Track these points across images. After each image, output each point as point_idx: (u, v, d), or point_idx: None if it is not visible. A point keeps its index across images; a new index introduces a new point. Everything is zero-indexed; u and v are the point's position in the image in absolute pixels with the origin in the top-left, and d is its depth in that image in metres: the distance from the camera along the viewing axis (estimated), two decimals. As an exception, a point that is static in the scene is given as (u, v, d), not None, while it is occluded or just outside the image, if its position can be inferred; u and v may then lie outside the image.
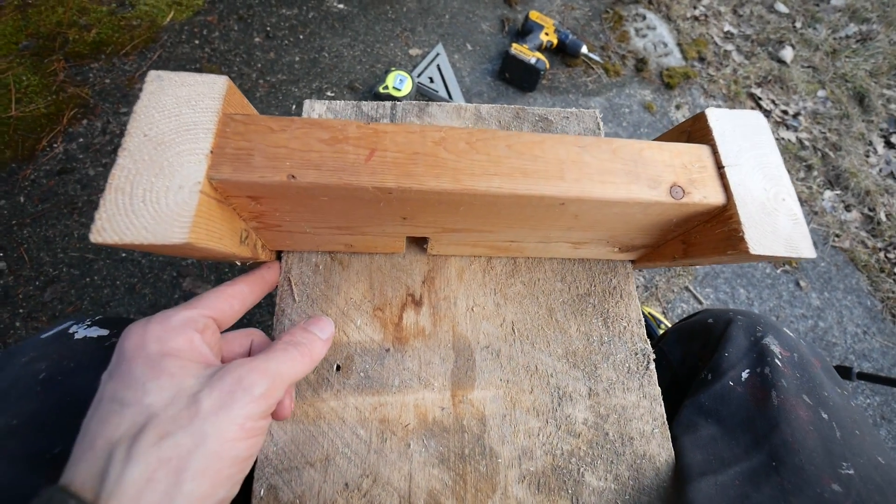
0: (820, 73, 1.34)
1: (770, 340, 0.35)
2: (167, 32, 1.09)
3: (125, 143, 0.23)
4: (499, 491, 0.29)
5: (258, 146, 0.24)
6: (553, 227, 0.30)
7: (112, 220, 0.21)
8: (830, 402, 0.32)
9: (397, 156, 0.25)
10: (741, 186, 0.27)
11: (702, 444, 0.31)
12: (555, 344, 0.34)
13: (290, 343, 0.26)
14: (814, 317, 1.04)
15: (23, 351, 0.28)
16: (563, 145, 0.27)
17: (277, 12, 1.18)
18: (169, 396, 0.20)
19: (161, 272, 0.90)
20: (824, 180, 1.19)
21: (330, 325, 0.29)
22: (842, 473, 0.27)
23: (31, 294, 0.84)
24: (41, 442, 0.25)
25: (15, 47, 1.00)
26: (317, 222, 0.29)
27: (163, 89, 0.24)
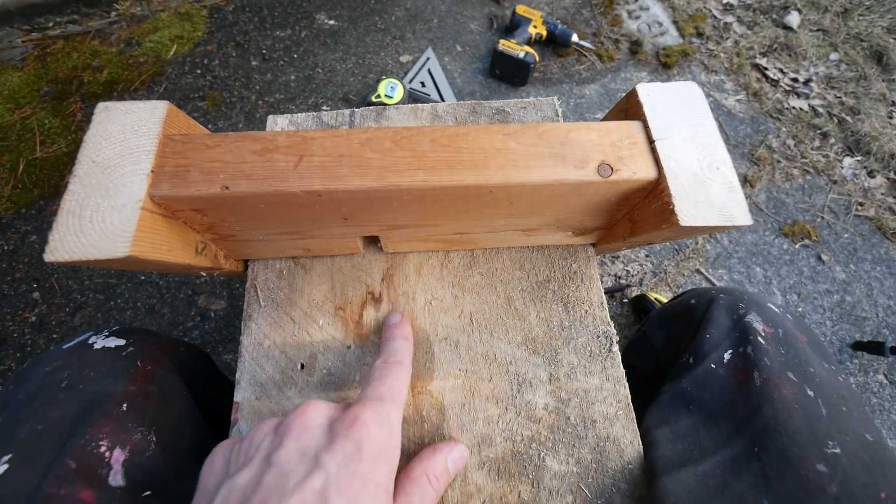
0: (831, 35, 1.27)
1: (753, 318, 0.34)
2: (171, 65, 1.16)
3: (75, 170, 0.25)
4: (458, 478, 0.30)
5: (195, 162, 0.26)
6: (494, 215, 0.31)
7: (63, 241, 0.23)
8: (817, 378, 0.31)
9: (324, 160, 0.26)
10: (672, 159, 0.27)
11: (682, 434, 0.31)
12: (514, 332, 0.34)
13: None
14: (839, 291, 0.98)
15: (46, 360, 0.31)
16: (489, 134, 0.27)
17: (272, 35, 1.23)
18: None
19: (177, 292, 0.95)
20: (842, 147, 1.13)
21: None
22: (827, 452, 0.26)
23: (63, 320, 0.91)
24: (65, 446, 0.26)
25: (37, 94, 1.09)
26: (266, 229, 0.30)
27: (110, 118, 0.27)
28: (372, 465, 0.21)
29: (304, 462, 0.21)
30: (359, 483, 0.20)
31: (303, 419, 0.23)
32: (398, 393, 0.26)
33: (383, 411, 0.24)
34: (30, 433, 0.26)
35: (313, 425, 0.23)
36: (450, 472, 0.27)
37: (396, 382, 0.27)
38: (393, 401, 0.25)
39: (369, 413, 0.23)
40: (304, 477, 0.20)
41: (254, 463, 0.21)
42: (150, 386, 0.31)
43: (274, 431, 0.23)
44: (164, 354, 0.35)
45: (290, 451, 0.21)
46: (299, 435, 0.22)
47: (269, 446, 0.22)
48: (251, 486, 0.20)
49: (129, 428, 0.28)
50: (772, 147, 1.13)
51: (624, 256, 1.02)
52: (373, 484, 0.21)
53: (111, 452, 0.27)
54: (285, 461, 0.21)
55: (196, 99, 1.12)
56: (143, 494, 0.27)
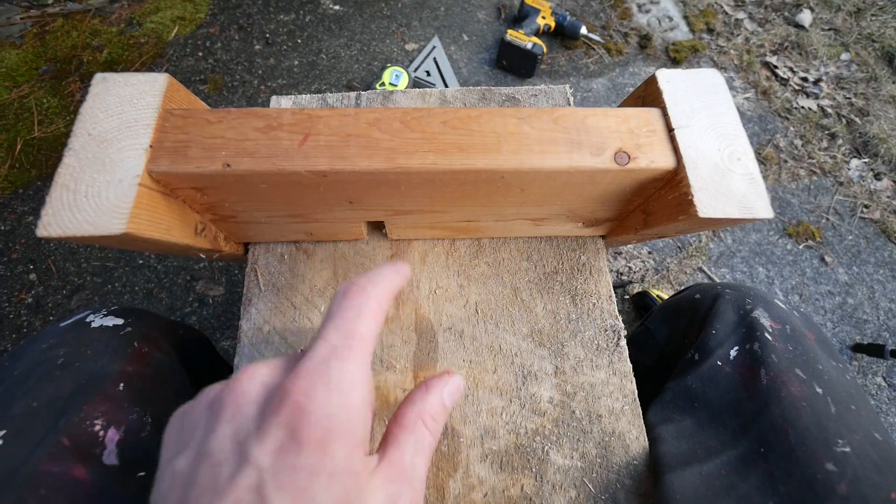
0: (843, 34, 1.26)
1: (760, 313, 0.33)
2: (172, 47, 1.14)
3: (71, 143, 0.24)
4: (460, 470, 0.29)
5: (195, 138, 0.25)
6: (504, 203, 0.30)
7: (57, 216, 0.22)
8: (825, 375, 0.30)
9: (331, 139, 0.25)
10: (692, 148, 0.26)
11: (687, 432, 0.30)
12: (520, 323, 0.34)
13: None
14: (842, 293, 0.98)
15: (43, 338, 0.30)
16: (502, 118, 0.26)
17: (275, 19, 1.20)
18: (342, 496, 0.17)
19: (176, 277, 0.94)
20: (850, 148, 1.12)
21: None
22: (836, 451, 0.26)
23: (60, 302, 0.90)
24: (59, 424, 0.26)
25: (35, 73, 1.07)
26: (268, 211, 0.30)
27: (107, 90, 0.25)
28: (318, 454, 0.17)
29: (234, 451, 0.17)
30: (303, 476, 0.17)
31: (236, 392, 0.19)
32: (358, 338, 0.19)
33: (328, 378, 0.18)
34: (24, 410, 0.26)
35: (247, 401, 0.18)
36: (447, 407, 0.23)
37: (357, 321, 0.19)
38: (346, 354, 0.19)
39: (303, 387, 0.17)
40: (234, 471, 0.17)
41: (191, 446, 0.18)
42: (148, 367, 0.30)
43: (209, 407, 0.19)
44: (163, 336, 0.34)
45: (221, 436, 0.18)
46: (232, 415, 0.18)
47: (204, 427, 0.19)
48: (189, 476, 0.17)
49: (124, 408, 0.28)
50: (779, 146, 1.12)
51: (626, 252, 1.01)
52: (325, 474, 0.17)
53: (106, 432, 0.27)
54: (217, 450, 0.17)
55: (197, 82, 1.10)
56: (137, 475, 0.27)
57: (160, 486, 0.19)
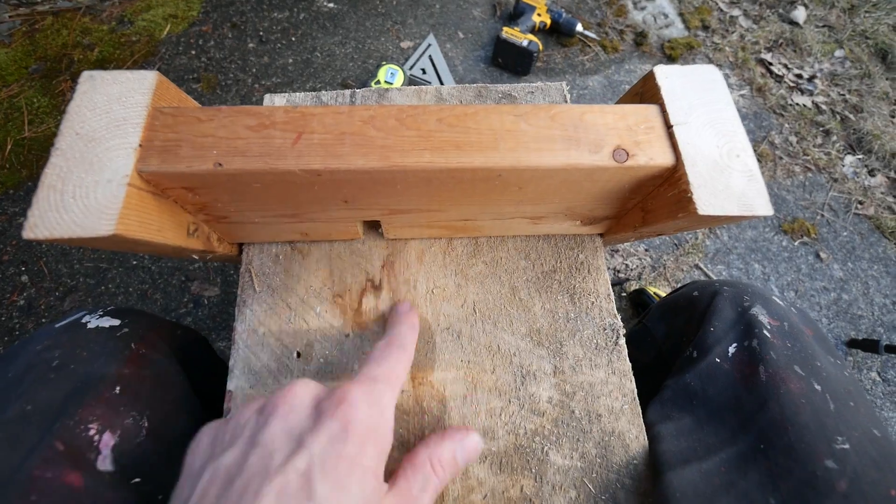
0: (837, 31, 1.26)
1: (758, 310, 0.33)
2: (165, 45, 1.13)
3: (57, 143, 0.23)
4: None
5: (186, 137, 0.24)
6: (501, 201, 0.29)
7: (44, 217, 0.22)
8: (824, 372, 0.30)
9: (324, 137, 0.25)
10: (690, 145, 0.26)
11: (686, 430, 0.30)
12: (518, 323, 0.33)
13: None
14: (836, 289, 0.98)
15: (37, 339, 0.29)
16: (499, 115, 0.26)
17: (269, 16, 1.19)
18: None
19: (170, 277, 0.93)
20: (844, 145, 1.12)
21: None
22: (836, 448, 0.26)
23: (52, 304, 0.89)
24: (53, 428, 0.25)
25: (25, 71, 1.05)
26: (261, 211, 0.29)
27: (95, 88, 0.25)
28: (359, 448, 0.20)
29: (288, 442, 0.20)
30: (345, 465, 0.19)
31: (289, 398, 0.22)
32: (395, 377, 0.25)
33: (375, 392, 0.23)
34: (17, 413, 0.25)
35: (300, 405, 0.22)
36: (458, 462, 0.25)
37: (396, 365, 0.25)
38: (388, 383, 0.24)
39: (358, 393, 0.22)
40: (287, 457, 0.19)
41: (239, 443, 0.21)
42: (145, 369, 0.30)
43: (259, 411, 0.22)
44: (161, 337, 0.33)
45: (275, 430, 0.20)
46: (286, 415, 0.21)
47: (255, 426, 0.21)
48: (235, 467, 0.19)
49: (120, 412, 0.27)
50: (774, 143, 1.12)
51: (623, 250, 1.01)
52: (360, 467, 0.20)
53: (101, 436, 0.26)
54: (270, 441, 0.20)
55: (190, 80, 1.09)
56: (132, 481, 0.26)
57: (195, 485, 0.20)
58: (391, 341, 0.27)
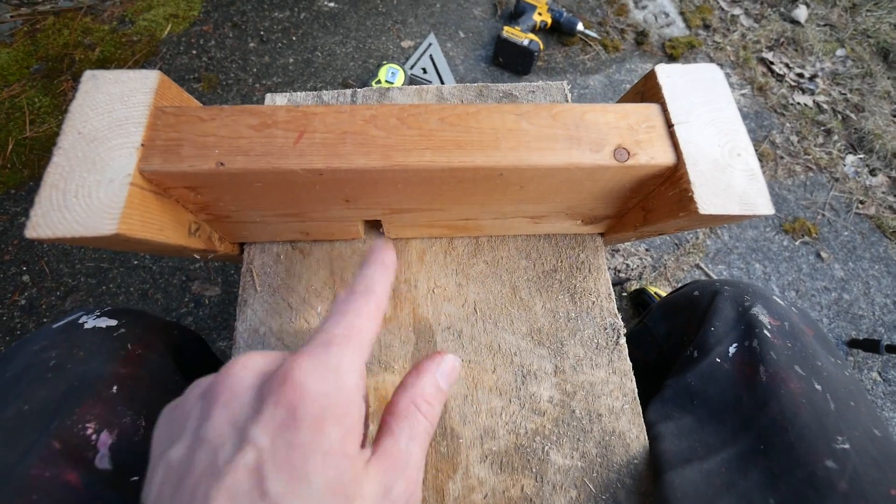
0: (838, 30, 1.26)
1: (759, 310, 0.33)
2: (166, 45, 1.13)
3: (60, 142, 0.23)
4: (460, 471, 0.29)
5: (187, 136, 0.24)
6: (503, 200, 0.29)
7: (46, 216, 0.22)
8: (824, 371, 0.30)
9: (326, 136, 0.25)
10: (692, 144, 0.26)
11: (687, 430, 0.30)
12: (519, 322, 0.33)
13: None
14: (837, 289, 0.98)
15: (34, 339, 0.29)
16: (500, 114, 0.26)
17: (270, 16, 1.19)
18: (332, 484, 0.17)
19: (171, 277, 0.93)
20: (846, 144, 1.12)
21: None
22: (836, 448, 0.26)
23: (54, 304, 0.89)
24: (51, 427, 0.25)
25: (27, 71, 1.05)
26: (263, 210, 0.29)
27: (97, 87, 0.25)
28: (313, 432, 0.17)
29: (233, 435, 0.18)
30: (299, 455, 0.17)
31: (229, 381, 0.19)
32: (357, 332, 0.20)
33: (328, 360, 0.19)
34: (15, 413, 0.25)
35: (242, 387, 0.19)
36: (443, 389, 0.22)
37: (357, 319, 0.21)
38: (345, 343, 0.20)
39: (305, 367, 0.18)
40: (233, 453, 0.17)
41: (185, 436, 0.19)
42: (142, 369, 0.30)
43: (203, 395, 0.19)
44: (158, 337, 0.33)
45: (218, 422, 0.18)
46: (227, 401, 0.18)
47: (199, 416, 0.19)
48: (185, 465, 0.18)
49: (118, 411, 0.27)
50: (775, 143, 1.12)
51: (624, 250, 1.01)
52: (319, 453, 0.17)
53: (98, 435, 0.26)
54: (214, 435, 0.18)
55: (191, 80, 1.09)
56: (130, 479, 0.26)
57: (151, 482, 0.18)
58: (353, 288, 0.22)
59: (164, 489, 0.18)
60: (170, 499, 0.17)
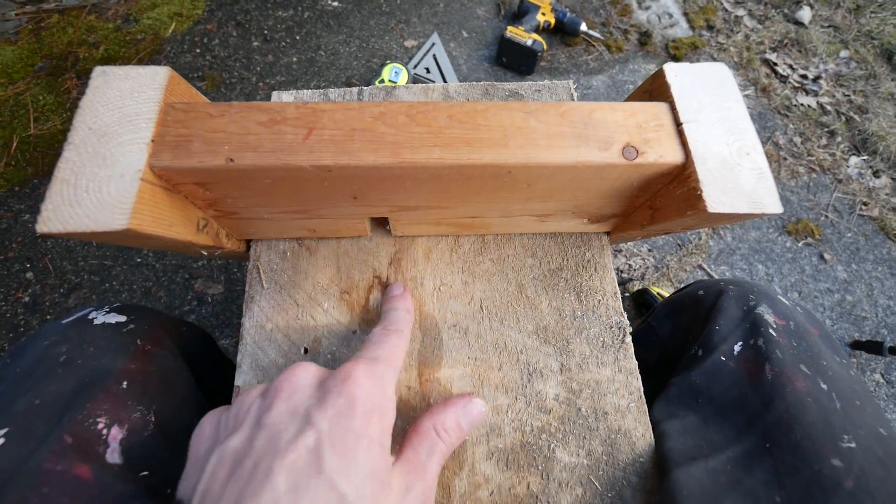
0: (842, 32, 1.26)
1: (764, 309, 0.33)
2: (170, 44, 1.13)
3: (70, 137, 0.23)
4: (466, 468, 0.29)
5: (197, 132, 0.24)
6: (510, 198, 0.29)
7: (57, 211, 0.22)
8: (830, 371, 0.30)
9: (335, 133, 0.25)
10: (700, 143, 0.26)
11: (692, 428, 0.30)
12: (525, 320, 0.33)
13: None
14: (840, 291, 0.98)
15: (44, 335, 0.30)
16: (508, 112, 0.26)
17: (274, 15, 1.19)
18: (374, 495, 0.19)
19: (174, 275, 0.93)
20: (849, 146, 1.12)
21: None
22: (842, 447, 0.26)
23: (57, 301, 0.89)
24: (62, 422, 0.25)
25: (31, 69, 1.05)
26: (271, 207, 0.29)
27: (107, 83, 0.25)
28: (365, 420, 0.21)
29: (295, 421, 0.20)
30: (352, 438, 0.20)
31: (292, 380, 0.22)
32: (394, 358, 0.26)
33: (377, 370, 0.23)
34: (26, 407, 0.25)
35: (303, 385, 0.22)
36: (463, 427, 0.26)
37: (394, 349, 0.26)
38: (388, 363, 0.25)
39: (361, 370, 0.23)
40: (296, 435, 0.19)
41: (244, 426, 0.21)
42: (151, 365, 0.30)
43: (263, 395, 0.22)
44: (166, 333, 0.33)
45: (280, 411, 0.21)
46: (289, 395, 0.21)
47: (259, 409, 0.21)
48: (243, 449, 0.20)
49: (128, 406, 0.27)
50: (779, 144, 1.12)
51: (626, 250, 1.01)
52: (366, 439, 0.20)
53: (109, 430, 0.26)
54: (276, 422, 0.20)
55: (195, 79, 1.09)
56: (140, 473, 0.26)
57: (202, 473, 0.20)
58: (387, 326, 0.28)
59: (218, 472, 0.19)
60: (225, 481, 0.18)
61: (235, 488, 0.18)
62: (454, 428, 0.25)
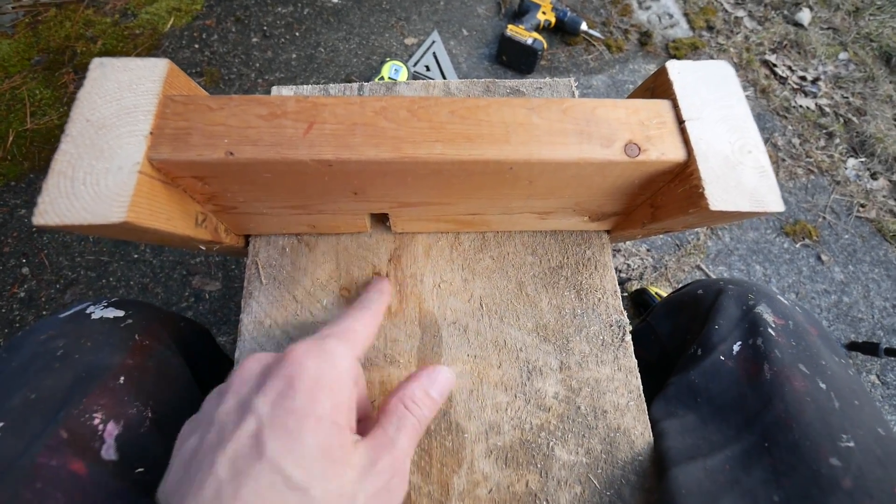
0: (841, 34, 1.26)
1: (763, 309, 0.33)
2: (168, 39, 1.12)
3: (68, 129, 0.23)
4: (465, 465, 0.29)
5: (196, 125, 0.24)
6: (511, 195, 0.29)
7: (54, 203, 0.22)
8: (828, 370, 0.30)
9: (336, 127, 0.24)
10: (703, 141, 0.25)
11: (690, 427, 0.30)
12: (524, 318, 0.33)
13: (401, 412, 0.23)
14: (837, 292, 0.98)
15: (40, 329, 0.29)
16: (510, 108, 0.26)
17: (273, 11, 1.19)
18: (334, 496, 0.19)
19: (171, 271, 0.93)
20: (847, 147, 1.12)
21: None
22: (841, 446, 0.26)
23: (53, 297, 0.88)
24: (58, 417, 0.25)
25: (27, 63, 1.05)
26: (270, 202, 0.29)
27: (105, 75, 0.25)
28: (308, 398, 0.20)
29: (238, 410, 0.20)
30: (294, 418, 0.19)
31: (241, 373, 0.22)
32: (350, 332, 0.25)
33: (325, 345, 0.22)
34: (22, 402, 0.25)
35: (250, 375, 0.22)
36: (432, 396, 0.25)
37: (353, 324, 0.25)
38: (340, 337, 0.24)
39: (303, 348, 0.22)
40: (236, 424, 0.19)
41: (201, 426, 0.21)
42: (148, 360, 0.30)
43: (219, 393, 0.22)
44: (164, 329, 0.33)
45: (228, 405, 0.21)
46: (238, 388, 0.21)
47: (213, 407, 0.22)
48: (196, 447, 0.20)
49: (124, 402, 0.27)
50: (777, 145, 1.12)
51: (625, 250, 1.01)
52: (312, 417, 0.19)
53: (105, 426, 0.26)
54: (223, 415, 0.20)
55: (194, 75, 1.08)
56: (136, 470, 0.26)
57: (166, 479, 0.20)
58: (354, 304, 0.28)
59: (174, 476, 0.19)
60: (178, 483, 0.18)
61: (184, 485, 0.19)
62: (422, 398, 0.24)
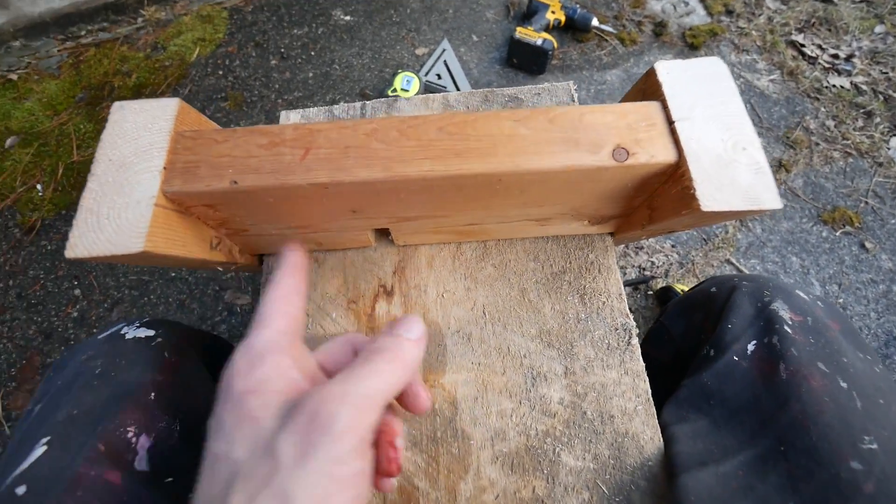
0: (876, 6, 1.18)
1: (779, 305, 0.32)
2: (195, 68, 1.19)
3: (93, 169, 0.26)
4: (471, 472, 0.30)
5: (204, 158, 0.26)
6: (505, 205, 0.30)
7: (82, 238, 0.24)
8: (851, 368, 0.29)
9: (330, 151, 0.26)
10: (693, 140, 0.25)
11: (703, 432, 0.29)
12: (528, 324, 0.34)
13: (373, 351, 0.21)
14: (885, 281, 0.92)
15: (83, 349, 0.33)
16: (497, 121, 0.26)
17: (289, 33, 1.24)
18: (251, 446, 0.18)
19: (205, 288, 0.98)
20: (889, 126, 1.05)
21: (418, 323, 0.23)
22: (863, 448, 0.24)
23: (102, 315, 0.95)
24: (96, 430, 0.27)
25: (72, 100, 1.14)
26: (277, 224, 0.31)
27: (124, 117, 0.27)
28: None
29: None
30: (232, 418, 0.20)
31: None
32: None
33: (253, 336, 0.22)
34: (66, 417, 0.28)
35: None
36: (400, 334, 0.22)
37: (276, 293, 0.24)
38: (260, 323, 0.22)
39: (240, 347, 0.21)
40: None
41: None
42: (177, 376, 0.32)
43: None
44: (191, 346, 0.36)
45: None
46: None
47: None
48: None
49: (155, 416, 0.30)
50: (809, 129, 1.06)
51: (648, 247, 0.98)
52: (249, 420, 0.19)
53: (138, 438, 0.28)
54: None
55: (219, 100, 1.15)
56: (165, 480, 0.28)
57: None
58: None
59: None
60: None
61: None
62: None
